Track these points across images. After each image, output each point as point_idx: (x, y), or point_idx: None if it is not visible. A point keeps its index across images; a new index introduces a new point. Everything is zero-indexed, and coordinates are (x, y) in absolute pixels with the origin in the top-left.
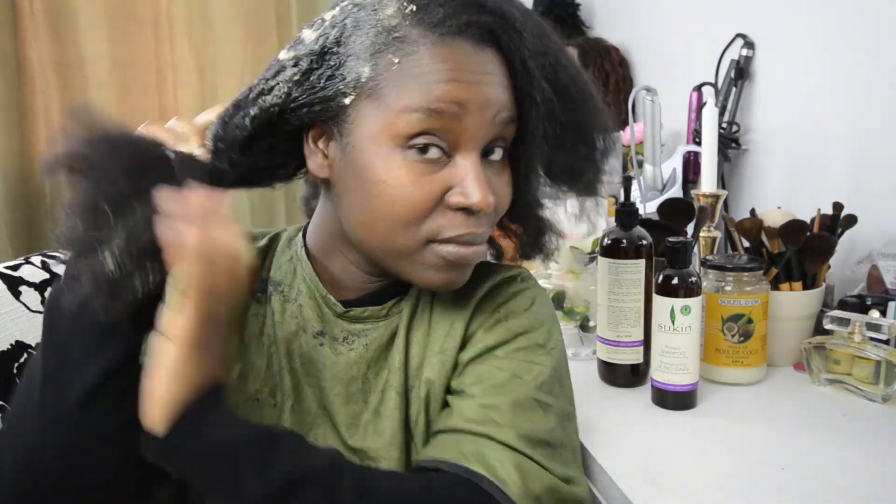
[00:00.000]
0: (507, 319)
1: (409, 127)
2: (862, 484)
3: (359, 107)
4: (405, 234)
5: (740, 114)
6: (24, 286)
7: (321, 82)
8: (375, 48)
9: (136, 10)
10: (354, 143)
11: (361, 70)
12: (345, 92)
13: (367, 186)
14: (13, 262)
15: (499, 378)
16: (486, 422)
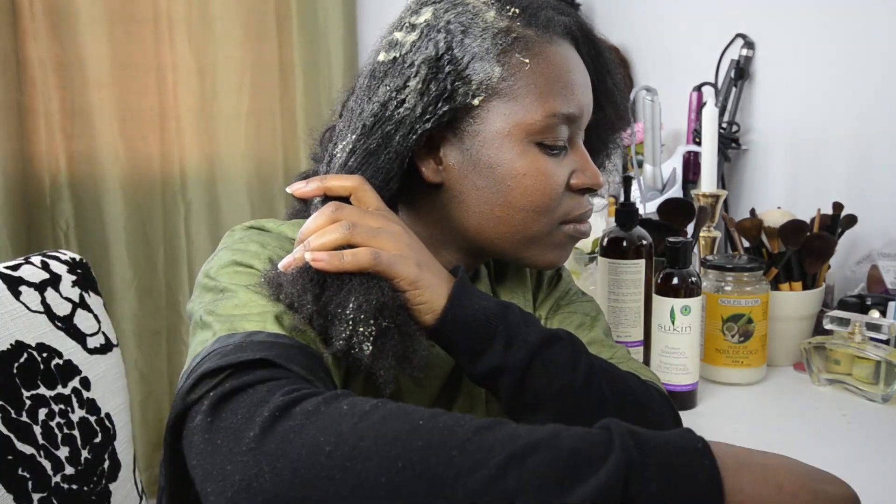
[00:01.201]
0: (553, 279)
1: (548, 128)
2: (862, 484)
3: (489, 106)
4: (543, 220)
5: (740, 114)
6: (24, 286)
7: (448, 86)
8: (500, 48)
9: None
10: (483, 142)
11: (491, 71)
12: (474, 93)
13: (503, 180)
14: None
15: (576, 320)
16: (601, 351)
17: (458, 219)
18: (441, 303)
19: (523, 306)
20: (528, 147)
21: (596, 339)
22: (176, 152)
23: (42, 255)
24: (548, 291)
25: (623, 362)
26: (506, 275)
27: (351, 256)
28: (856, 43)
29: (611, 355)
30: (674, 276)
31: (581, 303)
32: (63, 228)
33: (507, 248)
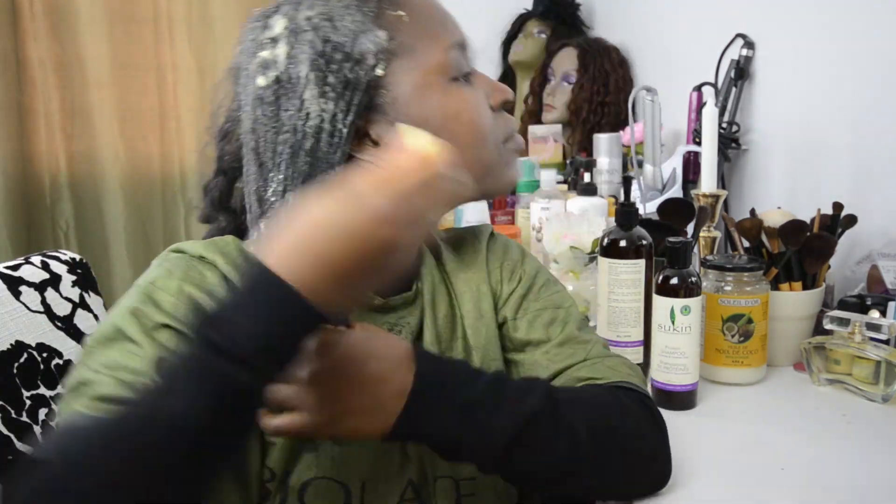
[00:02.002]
0: (518, 268)
1: (455, 62)
2: (862, 484)
3: (393, 70)
4: (490, 146)
5: (740, 114)
6: (24, 286)
7: (347, 73)
8: (372, 15)
9: (136, 10)
10: (407, 104)
11: (378, 38)
12: (374, 66)
13: (445, 127)
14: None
15: (547, 317)
16: (577, 350)
17: None
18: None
19: (477, 302)
20: (447, 86)
21: (569, 337)
22: (176, 152)
23: (42, 255)
24: (510, 286)
25: (598, 360)
26: (460, 262)
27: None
28: (856, 43)
29: (585, 355)
30: (674, 276)
31: (550, 295)
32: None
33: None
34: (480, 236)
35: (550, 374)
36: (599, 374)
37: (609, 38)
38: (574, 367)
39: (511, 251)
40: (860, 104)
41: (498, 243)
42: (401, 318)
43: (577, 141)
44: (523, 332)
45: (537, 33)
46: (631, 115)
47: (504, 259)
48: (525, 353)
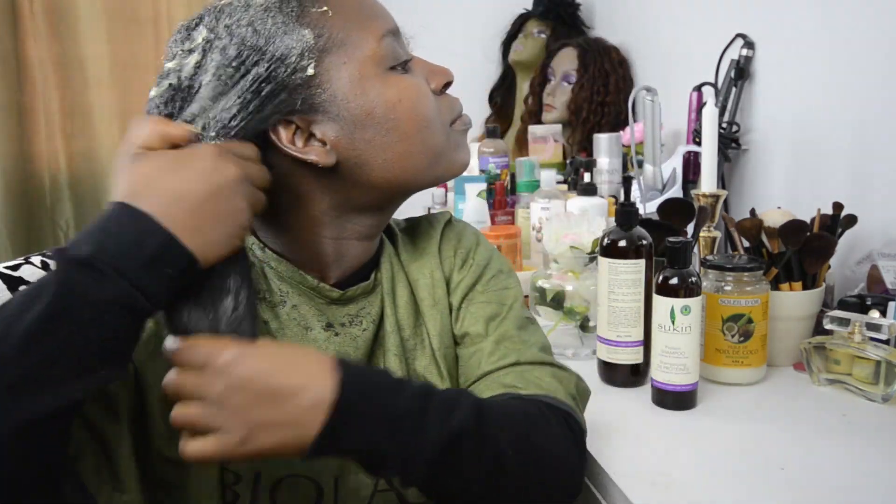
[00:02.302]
0: (470, 257)
1: (389, 50)
2: (862, 484)
3: (326, 66)
4: (437, 130)
5: (740, 114)
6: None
7: (263, 72)
8: (295, 15)
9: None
10: (347, 98)
11: (301, 37)
12: (302, 65)
13: (388, 117)
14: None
15: (489, 311)
16: (510, 352)
17: (364, 181)
18: (300, 450)
19: (431, 288)
20: (385, 76)
21: (505, 335)
22: None
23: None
24: (461, 275)
25: (527, 368)
26: (414, 250)
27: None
28: (856, 43)
29: (516, 358)
30: (674, 276)
31: (496, 291)
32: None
33: (421, 176)
34: (436, 223)
35: (479, 374)
36: (524, 385)
37: (609, 38)
38: (502, 371)
39: (465, 238)
40: (860, 104)
41: (453, 230)
42: (361, 309)
43: (577, 141)
44: (464, 323)
45: (537, 33)
46: (631, 115)
47: (458, 246)
48: (462, 347)
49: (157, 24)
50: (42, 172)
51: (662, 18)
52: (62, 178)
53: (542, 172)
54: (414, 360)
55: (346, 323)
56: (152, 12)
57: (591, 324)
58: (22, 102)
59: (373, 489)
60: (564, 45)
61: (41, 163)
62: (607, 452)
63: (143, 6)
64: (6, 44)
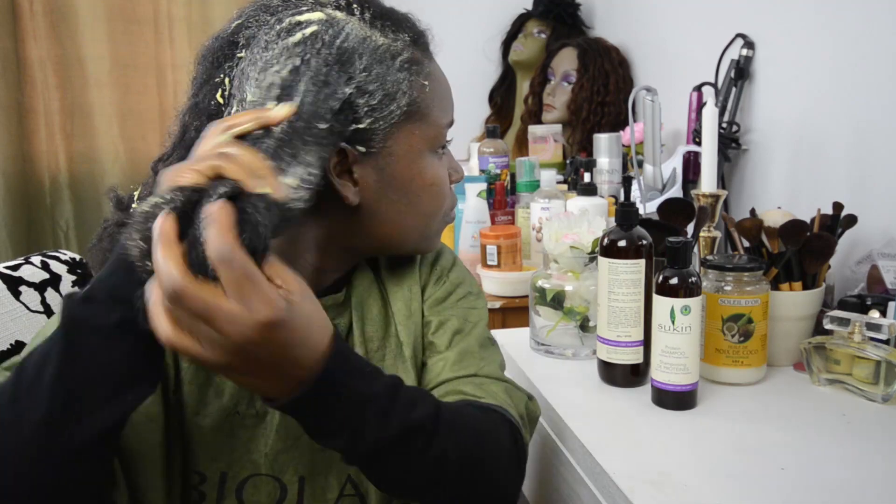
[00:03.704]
0: (445, 274)
1: (443, 136)
2: (862, 484)
3: (401, 127)
4: (440, 217)
5: (740, 114)
6: (24, 286)
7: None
8: (404, 77)
9: (136, 10)
10: (398, 160)
11: (401, 99)
12: (394, 111)
13: (416, 191)
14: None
15: (454, 325)
16: (470, 364)
17: (366, 230)
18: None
19: (408, 300)
20: (432, 156)
21: (467, 350)
22: None
23: (42, 255)
24: (434, 290)
25: (485, 381)
26: (397, 269)
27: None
28: (856, 43)
29: (475, 370)
30: (674, 276)
31: (464, 309)
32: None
33: (407, 246)
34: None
35: (440, 381)
36: (482, 395)
37: (609, 38)
38: (462, 380)
39: (442, 258)
40: (860, 104)
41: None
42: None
43: (577, 141)
44: (431, 332)
45: (537, 33)
46: (631, 115)
47: (435, 264)
48: (427, 356)
49: (157, 24)
50: (42, 172)
51: (662, 18)
52: (62, 178)
53: (542, 172)
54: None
55: None
56: (152, 12)
57: (591, 324)
58: (22, 102)
59: (338, 493)
60: (564, 45)
61: (41, 163)
62: (607, 452)
63: (143, 6)
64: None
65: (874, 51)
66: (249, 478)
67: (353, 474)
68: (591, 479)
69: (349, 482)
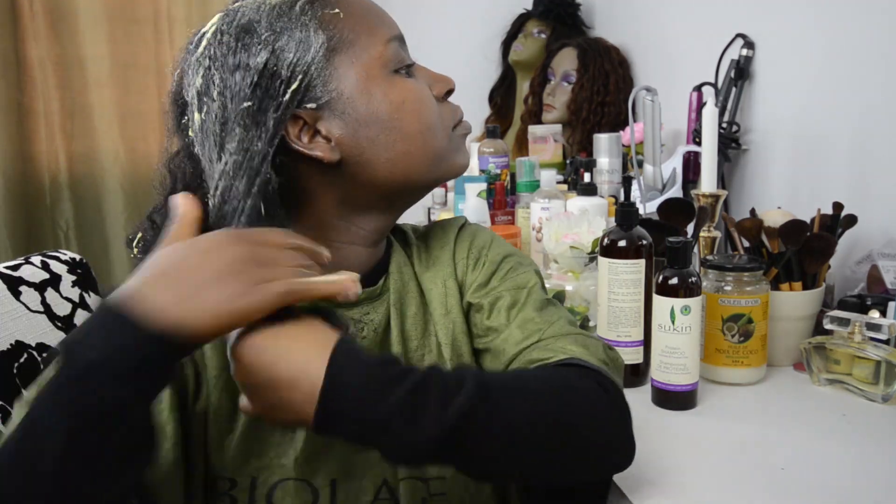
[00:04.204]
0: (483, 255)
1: (395, 54)
2: (862, 484)
3: (335, 65)
4: (439, 133)
5: (740, 114)
6: (24, 286)
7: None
8: (310, 18)
9: (136, 10)
10: (353, 96)
11: (317, 38)
12: (315, 62)
13: (392, 117)
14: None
15: (507, 301)
16: (533, 332)
17: (367, 180)
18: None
19: (443, 297)
20: (390, 78)
21: (527, 319)
22: None
23: (42, 255)
24: (475, 275)
25: (551, 341)
26: (431, 261)
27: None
28: (856, 43)
29: (539, 336)
30: (674, 276)
31: (514, 280)
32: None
33: (423, 177)
34: (449, 229)
35: (507, 360)
36: (550, 355)
37: (609, 38)
38: (527, 350)
39: (478, 238)
40: (860, 104)
41: (466, 233)
42: (364, 315)
43: (577, 141)
44: (486, 317)
45: (537, 33)
46: (631, 115)
47: (470, 248)
48: (488, 338)
49: (157, 24)
50: (42, 172)
51: (662, 18)
52: (62, 178)
53: (542, 172)
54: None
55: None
56: (152, 12)
57: (591, 324)
58: (22, 102)
59: (373, 496)
60: (564, 45)
61: (41, 163)
62: None
63: (143, 6)
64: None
65: (874, 51)
66: (280, 482)
67: (390, 477)
68: None
69: (385, 486)
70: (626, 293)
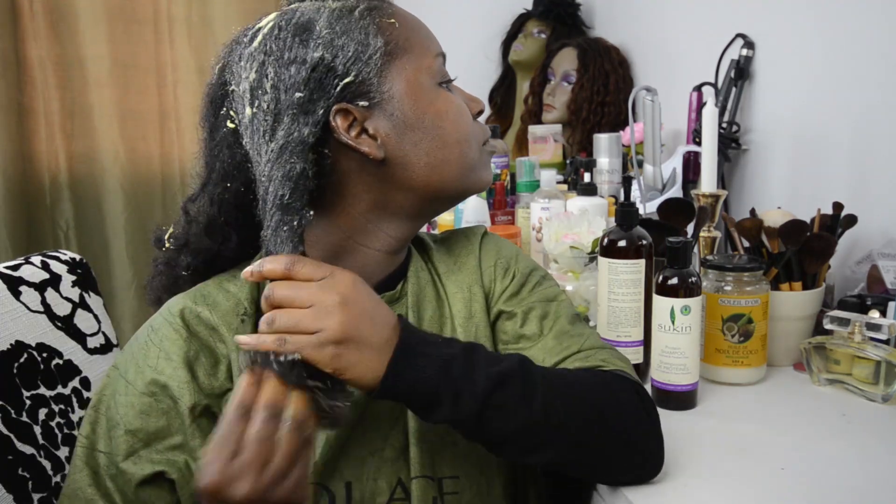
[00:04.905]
0: (512, 266)
1: (440, 68)
2: (862, 484)
3: (390, 69)
4: (473, 145)
5: (740, 114)
6: (24, 286)
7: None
8: (370, 23)
9: (136, 10)
10: (402, 99)
11: (375, 42)
12: (373, 61)
13: (434, 123)
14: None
15: (539, 312)
16: (571, 344)
17: (405, 182)
18: (372, 378)
19: (468, 303)
20: (437, 88)
21: (563, 330)
22: (176, 152)
23: (42, 255)
24: (504, 283)
25: (591, 352)
26: (454, 267)
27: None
28: (856, 43)
29: (579, 346)
30: (674, 276)
31: (544, 293)
32: (63, 228)
33: (455, 184)
34: (473, 237)
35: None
36: (593, 365)
37: (609, 38)
38: (568, 359)
39: (504, 249)
40: (860, 104)
41: (490, 243)
42: None
43: (577, 141)
44: (518, 325)
45: (537, 33)
46: (631, 115)
47: (498, 257)
48: (520, 345)
49: (157, 24)
50: (42, 172)
51: (662, 18)
52: (62, 178)
53: (542, 172)
54: None
55: None
56: (152, 12)
57: (591, 324)
58: (22, 102)
59: (388, 496)
60: (564, 45)
61: (41, 163)
62: None
63: (143, 6)
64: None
65: (874, 50)
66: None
67: (404, 478)
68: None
69: (399, 486)
70: (626, 293)
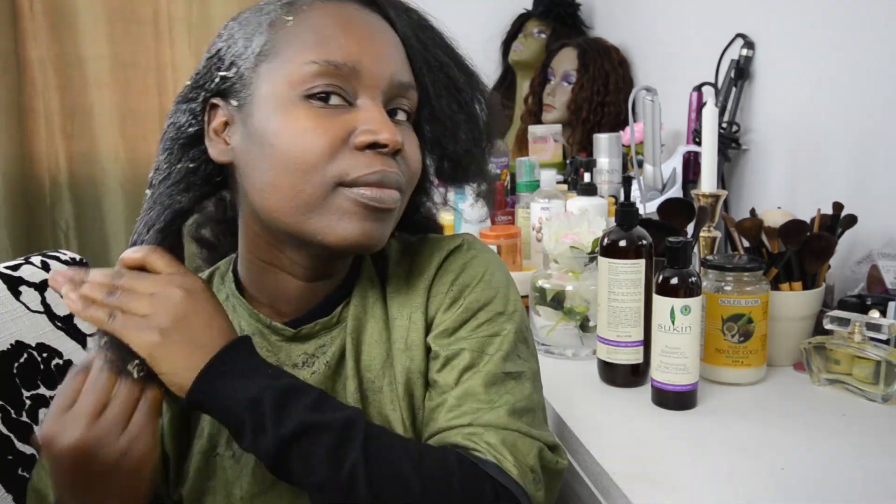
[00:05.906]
0: (463, 296)
1: (308, 76)
2: (862, 484)
3: (257, 72)
4: (311, 180)
5: (740, 114)
6: (24, 286)
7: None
8: (269, 19)
9: (136, 10)
10: (255, 108)
11: (258, 39)
12: (242, 61)
13: (268, 143)
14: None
15: (465, 361)
16: (465, 411)
17: (250, 199)
18: (187, 376)
19: (406, 331)
20: (295, 103)
21: (469, 391)
22: None
23: (42, 255)
24: (444, 316)
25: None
26: (404, 283)
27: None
28: (856, 43)
29: (470, 420)
30: (674, 276)
31: (481, 338)
32: (63, 228)
33: (289, 221)
34: (438, 252)
35: (432, 431)
36: (470, 447)
37: (609, 38)
38: (451, 431)
39: (466, 272)
40: (860, 104)
41: (457, 261)
42: (319, 347)
43: (577, 141)
44: (437, 370)
45: (537, 33)
46: (631, 115)
47: (453, 283)
48: (428, 398)
49: (157, 24)
50: (42, 172)
51: (662, 18)
52: (62, 178)
53: (542, 172)
54: (380, 403)
55: (298, 364)
56: (152, 12)
57: (591, 324)
58: (22, 102)
59: None
60: (564, 45)
61: (41, 163)
62: (607, 452)
63: (143, 6)
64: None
65: (874, 50)
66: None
67: None
68: (590, 479)
69: None
70: (626, 293)
